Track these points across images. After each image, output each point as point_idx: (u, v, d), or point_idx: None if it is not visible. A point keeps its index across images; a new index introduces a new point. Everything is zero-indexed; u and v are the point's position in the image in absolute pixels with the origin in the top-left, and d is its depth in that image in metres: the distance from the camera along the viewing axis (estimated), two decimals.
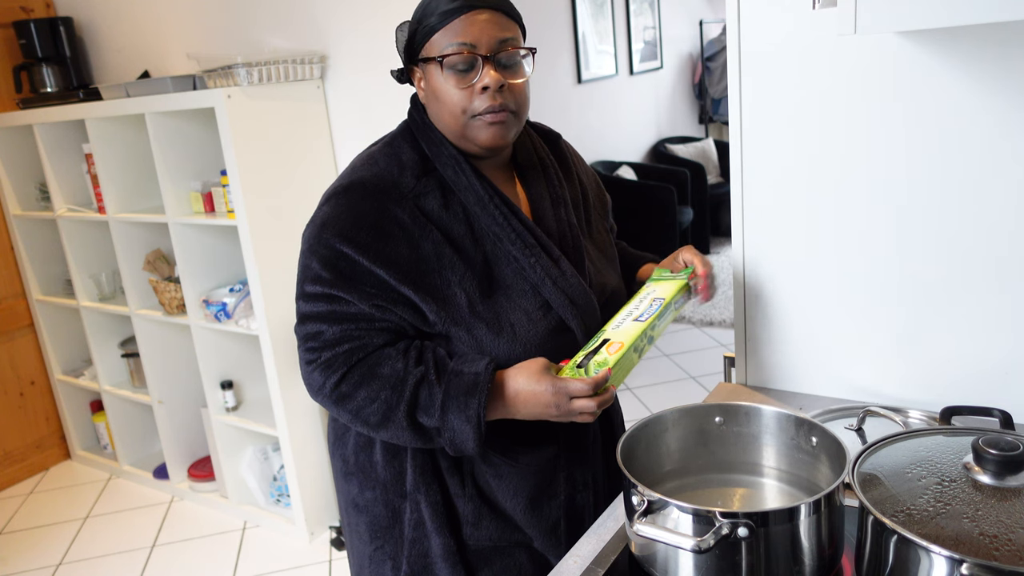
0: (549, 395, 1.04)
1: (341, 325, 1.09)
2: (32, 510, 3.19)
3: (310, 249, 1.11)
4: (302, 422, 2.66)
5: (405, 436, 1.09)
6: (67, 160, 3.09)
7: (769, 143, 1.31)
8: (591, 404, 1.03)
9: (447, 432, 1.06)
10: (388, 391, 1.07)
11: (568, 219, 1.21)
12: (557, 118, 4.45)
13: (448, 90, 1.08)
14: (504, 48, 1.08)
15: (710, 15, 6.46)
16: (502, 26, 1.08)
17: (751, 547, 0.83)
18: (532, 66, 1.13)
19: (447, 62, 1.07)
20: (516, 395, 1.06)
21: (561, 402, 1.04)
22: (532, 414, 1.07)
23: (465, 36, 1.06)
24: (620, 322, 1.12)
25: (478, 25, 1.06)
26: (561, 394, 1.03)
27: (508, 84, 1.09)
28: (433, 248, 1.09)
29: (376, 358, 1.09)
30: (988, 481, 0.80)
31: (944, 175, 1.18)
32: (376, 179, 1.11)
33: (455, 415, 1.05)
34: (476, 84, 1.07)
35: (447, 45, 1.07)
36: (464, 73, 1.08)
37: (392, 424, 1.08)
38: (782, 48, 1.25)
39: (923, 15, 0.87)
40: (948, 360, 1.24)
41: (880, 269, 1.26)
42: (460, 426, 1.05)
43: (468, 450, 1.07)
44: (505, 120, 1.10)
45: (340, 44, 2.50)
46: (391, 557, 1.23)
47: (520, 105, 1.12)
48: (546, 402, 1.04)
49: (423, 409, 1.07)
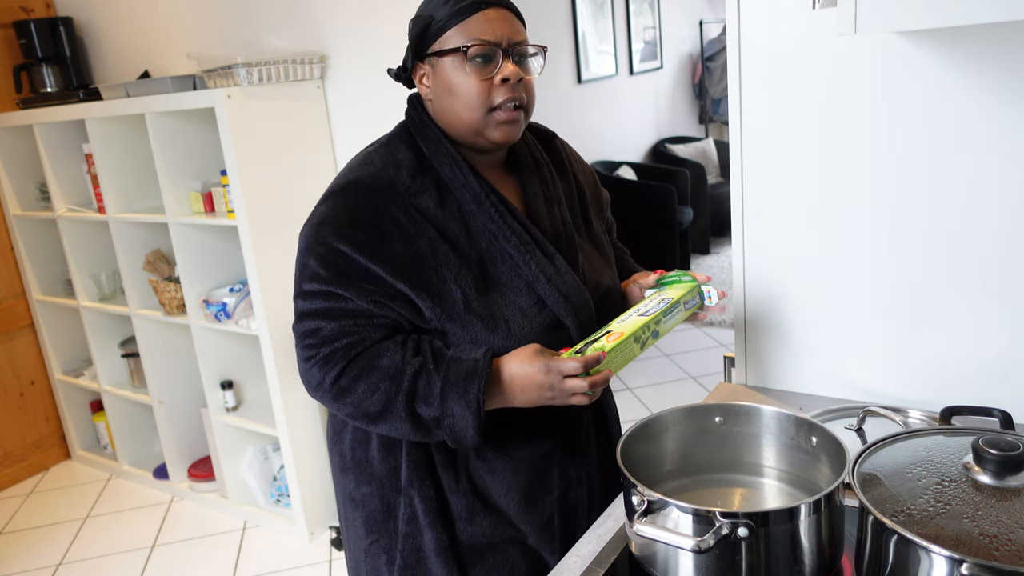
0: (542, 375, 1.04)
1: (339, 321, 1.10)
2: (32, 510, 3.19)
3: (307, 248, 1.12)
4: (302, 422, 2.66)
5: (404, 428, 1.09)
6: (67, 160, 3.09)
7: (769, 143, 1.31)
8: (583, 384, 1.03)
9: (447, 419, 1.06)
10: (387, 382, 1.07)
11: (562, 217, 1.22)
12: (557, 118, 4.45)
13: (466, 82, 1.10)
14: (519, 43, 1.12)
15: (710, 15, 6.46)
16: (515, 25, 1.13)
17: (751, 547, 0.83)
18: (542, 65, 1.16)
19: (471, 52, 1.09)
20: (512, 380, 1.06)
21: (555, 382, 1.03)
22: (529, 399, 1.07)
23: (485, 29, 1.09)
24: (626, 317, 1.14)
25: (496, 21, 1.10)
26: (553, 373, 1.03)
27: (523, 79, 1.12)
28: (429, 245, 1.10)
29: (374, 351, 1.09)
30: (988, 481, 0.80)
31: (945, 175, 1.18)
32: (372, 178, 1.13)
33: (454, 401, 1.05)
34: (496, 76, 1.10)
35: (468, 38, 1.09)
36: (484, 65, 1.10)
37: (391, 415, 1.08)
38: (782, 48, 1.25)
39: (923, 15, 0.87)
40: (948, 360, 1.24)
41: (880, 269, 1.26)
42: (460, 412, 1.05)
43: (468, 438, 1.07)
44: (518, 119, 1.13)
45: (340, 44, 2.51)
46: (386, 551, 1.23)
47: (531, 102, 1.15)
48: (539, 383, 1.04)
49: (422, 399, 1.07)
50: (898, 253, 1.24)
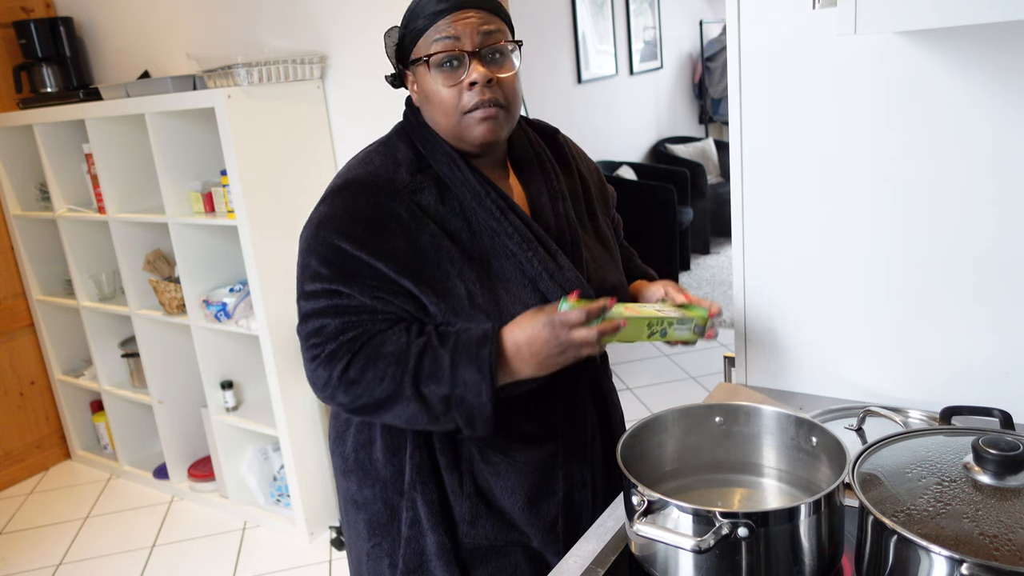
0: (547, 331, 1.01)
1: (343, 318, 1.09)
2: (32, 510, 3.19)
3: (308, 248, 1.11)
4: (302, 422, 2.66)
5: (413, 410, 1.06)
6: (67, 160, 3.09)
7: (769, 143, 1.31)
8: (591, 332, 1.00)
9: (458, 389, 1.03)
10: (394, 366, 1.05)
11: (567, 214, 1.21)
12: (557, 118, 4.42)
13: (438, 90, 1.09)
14: (488, 41, 1.09)
15: (710, 15, 6.46)
16: (485, 24, 1.09)
17: (751, 547, 0.83)
18: (519, 59, 1.13)
19: (433, 61, 1.08)
20: (518, 348, 1.04)
21: (560, 334, 1.01)
22: (539, 363, 1.04)
23: (449, 34, 1.07)
24: (643, 306, 1.15)
25: (461, 24, 1.08)
26: (558, 326, 1.01)
27: (496, 79, 1.09)
28: (431, 241, 1.09)
29: (379, 339, 1.08)
30: (988, 481, 0.80)
31: (945, 174, 1.18)
32: (371, 176, 1.12)
33: (465, 367, 1.03)
34: (464, 80, 1.08)
35: (431, 44, 1.08)
36: (451, 71, 1.08)
37: (401, 399, 1.05)
38: (782, 48, 1.25)
39: (923, 15, 0.87)
40: (948, 360, 1.24)
41: (881, 269, 1.26)
42: (472, 377, 1.03)
43: (481, 408, 1.03)
44: (496, 115, 1.10)
45: (340, 44, 2.50)
46: (388, 554, 1.23)
47: (510, 99, 1.12)
48: (546, 339, 1.02)
49: (429, 376, 1.04)
50: (898, 253, 1.24)
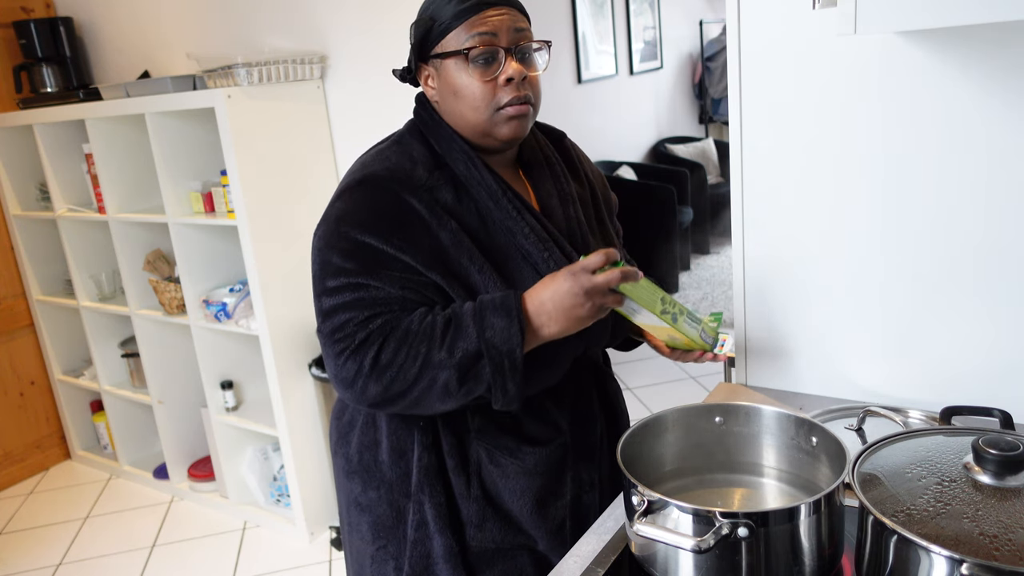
0: (569, 281, 1.01)
1: (371, 309, 1.06)
2: (32, 510, 3.19)
3: (327, 245, 1.09)
4: (302, 422, 2.66)
5: (445, 377, 1.03)
6: (67, 160, 3.09)
7: (769, 143, 1.31)
8: (614, 273, 1.00)
9: (487, 332, 1.02)
10: (426, 341, 1.04)
11: (577, 216, 1.21)
12: (557, 118, 4.42)
13: (470, 84, 1.09)
14: (521, 39, 1.10)
15: (710, 15, 6.45)
16: (518, 21, 1.11)
17: (751, 547, 0.83)
18: (547, 60, 1.14)
19: (472, 55, 1.08)
20: (541, 305, 1.03)
21: (583, 281, 1.00)
22: (562, 314, 1.03)
23: (487, 29, 1.08)
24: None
25: (497, 20, 1.08)
26: (578, 271, 1.01)
27: (528, 76, 1.10)
28: (451, 237, 1.09)
29: (407, 321, 1.06)
30: (988, 481, 0.80)
31: (945, 174, 1.18)
32: (389, 171, 1.11)
33: (493, 314, 1.02)
34: (499, 76, 1.09)
35: (467, 39, 1.08)
36: (487, 66, 1.08)
37: (431, 368, 1.03)
38: (782, 48, 1.25)
39: (923, 15, 0.87)
40: (948, 360, 1.24)
41: (880, 269, 1.26)
42: (500, 323, 1.01)
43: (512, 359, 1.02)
44: (527, 113, 1.11)
45: (340, 44, 2.50)
46: (394, 557, 1.22)
47: (537, 98, 1.14)
48: (568, 288, 1.01)
49: (457, 335, 1.03)
50: (898, 252, 1.24)
